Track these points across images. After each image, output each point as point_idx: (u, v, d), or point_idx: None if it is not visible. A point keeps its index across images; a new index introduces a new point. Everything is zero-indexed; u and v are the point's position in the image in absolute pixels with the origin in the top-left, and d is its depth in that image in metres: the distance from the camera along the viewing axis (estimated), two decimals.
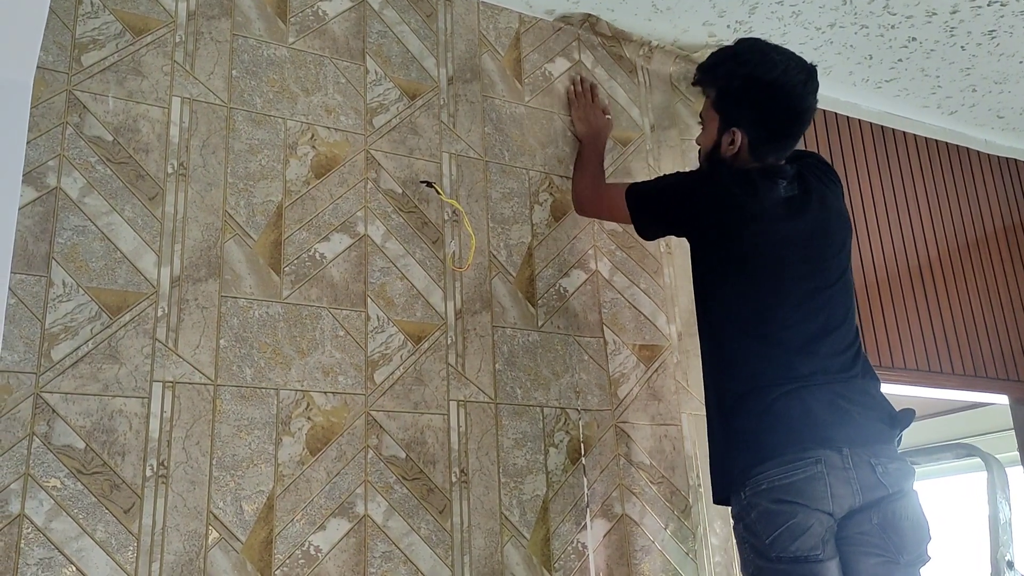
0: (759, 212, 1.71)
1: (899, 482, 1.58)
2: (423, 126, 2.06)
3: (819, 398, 1.60)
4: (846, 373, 1.66)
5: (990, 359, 2.84)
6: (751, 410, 1.62)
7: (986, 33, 2.53)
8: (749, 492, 1.57)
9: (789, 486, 1.53)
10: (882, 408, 1.66)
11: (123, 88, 1.73)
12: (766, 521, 1.54)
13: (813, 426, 1.57)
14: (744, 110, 1.76)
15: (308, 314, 1.79)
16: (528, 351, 2.01)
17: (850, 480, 1.54)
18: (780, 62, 1.74)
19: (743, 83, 1.76)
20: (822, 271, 1.72)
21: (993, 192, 3.12)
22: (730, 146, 1.79)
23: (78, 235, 1.62)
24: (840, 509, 1.54)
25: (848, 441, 1.56)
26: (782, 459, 1.55)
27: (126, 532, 1.51)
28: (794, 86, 1.73)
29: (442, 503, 1.80)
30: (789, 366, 1.63)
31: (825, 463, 1.54)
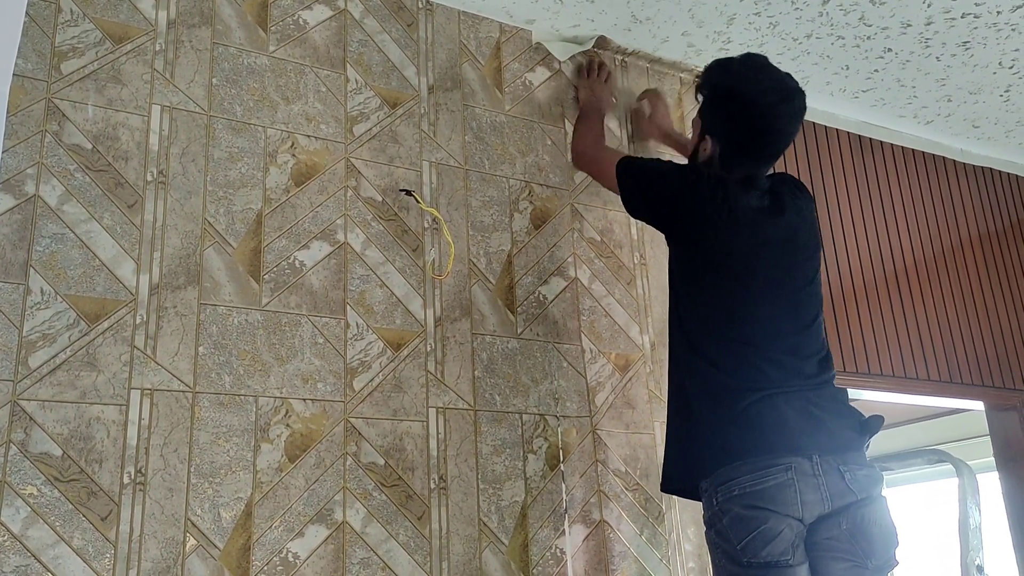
0: (729, 218, 1.73)
1: (867, 488, 1.61)
2: (403, 135, 2.07)
3: (792, 405, 1.62)
4: (816, 379, 1.69)
5: (965, 366, 2.87)
6: (723, 413, 1.64)
7: (960, 44, 2.56)
8: (721, 498, 1.59)
9: (760, 492, 1.56)
10: (851, 415, 1.69)
11: (103, 96, 1.74)
12: (738, 527, 1.56)
13: (785, 433, 1.60)
14: (717, 121, 1.80)
15: (287, 321, 1.80)
16: (507, 358, 2.03)
17: (819, 487, 1.57)
18: (760, 81, 1.75)
19: (721, 94, 1.79)
20: (792, 278, 1.76)
21: (968, 200, 3.16)
22: (703, 153, 1.83)
23: (56, 243, 1.62)
24: (810, 515, 1.56)
25: (818, 448, 1.59)
26: (753, 465, 1.57)
27: (103, 539, 1.51)
28: (767, 106, 1.74)
29: (421, 510, 1.82)
30: (762, 371, 1.65)
31: (795, 470, 1.56)
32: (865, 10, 2.38)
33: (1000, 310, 3.05)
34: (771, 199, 1.81)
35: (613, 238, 2.29)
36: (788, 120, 1.77)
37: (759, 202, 1.78)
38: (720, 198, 1.74)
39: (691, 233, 1.78)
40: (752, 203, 1.77)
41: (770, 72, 1.78)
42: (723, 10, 2.34)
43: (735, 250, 1.73)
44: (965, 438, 4.09)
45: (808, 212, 1.86)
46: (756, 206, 1.77)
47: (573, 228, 2.24)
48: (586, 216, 2.27)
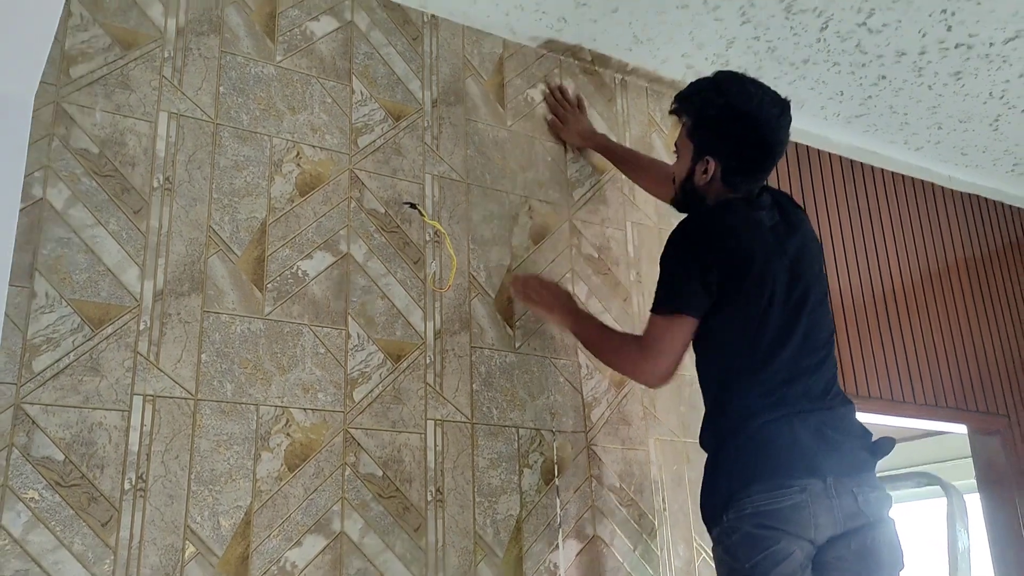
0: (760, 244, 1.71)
1: (878, 510, 1.62)
2: (407, 147, 2.09)
3: (806, 426, 1.62)
4: (828, 400, 1.68)
5: (950, 390, 2.92)
6: (740, 438, 1.63)
7: (952, 74, 2.62)
8: (732, 515, 1.59)
9: (774, 512, 1.55)
10: (863, 436, 1.68)
11: (111, 101, 1.74)
12: (748, 545, 1.56)
13: (800, 454, 1.59)
14: (719, 139, 1.79)
15: (289, 331, 1.80)
16: (505, 372, 2.04)
17: (833, 508, 1.56)
18: (756, 94, 1.78)
19: (719, 112, 1.78)
20: (805, 298, 1.72)
21: (956, 226, 3.21)
22: (703, 175, 1.81)
23: (62, 247, 1.62)
24: (821, 536, 1.57)
25: (832, 470, 1.58)
26: (768, 485, 1.57)
27: (103, 545, 1.51)
28: (769, 119, 1.76)
29: (417, 521, 1.82)
30: (776, 393, 1.64)
31: (809, 491, 1.55)
32: (862, 38, 2.43)
33: (984, 335, 3.10)
34: (780, 215, 1.80)
35: (610, 255, 2.32)
36: (786, 130, 1.79)
37: (770, 220, 1.77)
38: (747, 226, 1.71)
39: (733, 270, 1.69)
40: (766, 223, 1.75)
41: (759, 85, 1.80)
42: (723, 33, 2.38)
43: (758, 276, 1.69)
44: (946, 459, 4.14)
45: (810, 227, 1.85)
46: (769, 225, 1.76)
47: (571, 244, 2.26)
48: (584, 232, 2.29)
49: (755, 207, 1.77)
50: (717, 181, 1.81)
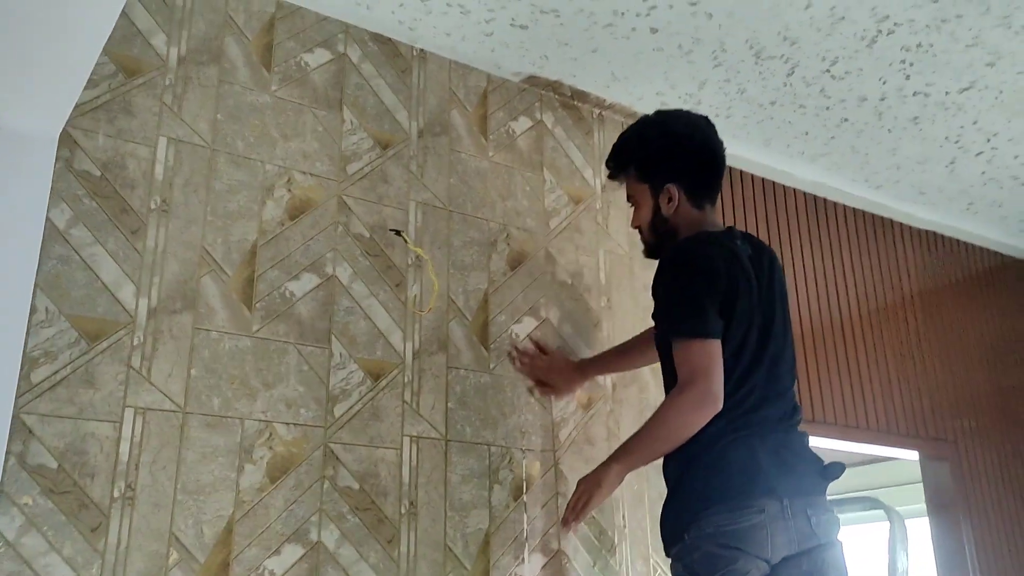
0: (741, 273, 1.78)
1: (829, 533, 1.71)
2: (393, 175, 2.19)
3: (766, 449, 1.70)
4: (787, 423, 1.77)
5: (902, 416, 3.06)
6: (706, 459, 1.71)
7: (911, 119, 2.77)
8: (693, 534, 1.67)
9: (734, 532, 1.63)
10: (815, 460, 1.77)
11: (113, 126, 1.83)
12: (709, 563, 1.64)
13: (760, 476, 1.67)
14: (671, 165, 1.89)
15: (275, 348, 1.90)
16: (479, 392, 2.15)
17: (789, 529, 1.65)
18: (680, 115, 1.97)
19: (661, 141, 1.91)
20: (773, 328, 1.81)
21: (913, 261, 3.37)
22: (669, 204, 1.89)
23: (62, 264, 1.71)
24: (776, 556, 1.65)
25: (789, 492, 1.67)
26: (730, 505, 1.65)
27: (92, 550, 1.59)
28: (702, 129, 1.93)
29: (391, 533, 1.92)
30: (744, 418, 1.72)
31: (768, 512, 1.64)
32: (825, 84, 2.57)
33: (937, 366, 3.25)
34: (751, 244, 1.89)
35: (583, 282, 2.43)
36: (722, 144, 1.94)
37: (746, 251, 1.85)
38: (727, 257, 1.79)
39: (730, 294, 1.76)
40: (742, 253, 1.83)
41: (677, 110, 1.99)
42: (695, 75, 2.51)
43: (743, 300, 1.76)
44: (897, 484, 4.29)
45: (778, 262, 1.94)
46: (747, 255, 1.83)
47: (546, 271, 2.37)
48: (559, 260, 2.41)
49: (730, 238, 1.87)
50: (684, 205, 1.90)
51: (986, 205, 3.37)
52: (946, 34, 2.36)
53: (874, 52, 2.43)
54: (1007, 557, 3.14)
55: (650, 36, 2.33)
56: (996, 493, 3.22)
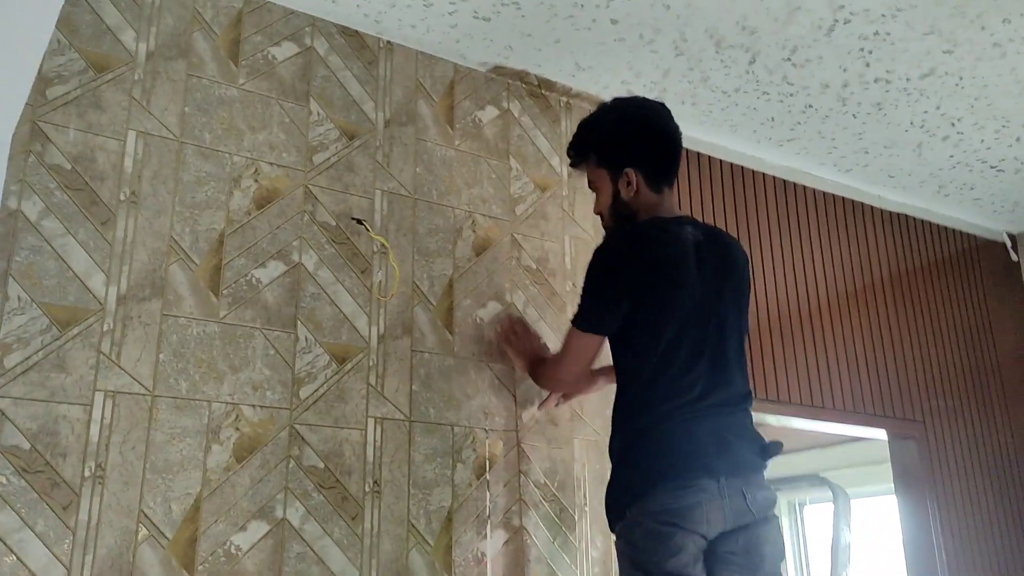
0: (681, 258, 1.85)
1: (764, 509, 1.79)
2: (359, 165, 2.26)
3: (705, 430, 1.78)
4: (732, 407, 1.85)
5: (869, 396, 3.13)
6: (647, 440, 1.80)
7: (874, 105, 2.82)
8: (635, 512, 1.76)
9: (673, 510, 1.72)
10: (755, 440, 1.85)
11: (83, 120, 1.90)
12: (649, 539, 1.73)
13: (698, 457, 1.75)
14: (628, 149, 1.96)
15: (242, 333, 1.98)
16: (443, 374, 2.23)
17: (724, 507, 1.73)
18: (635, 100, 2.05)
19: (618, 127, 1.98)
20: (723, 314, 1.88)
21: (883, 243, 3.42)
22: (628, 187, 1.95)
23: (34, 254, 1.78)
24: (712, 532, 1.74)
25: (725, 471, 1.75)
26: (670, 484, 1.73)
27: (64, 527, 1.68)
28: (657, 112, 1.99)
29: (355, 510, 2.00)
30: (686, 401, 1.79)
31: (705, 491, 1.73)
32: (787, 72, 2.62)
33: (905, 347, 3.32)
34: (704, 231, 1.95)
35: (548, 267, 2.50)
36: (677, 127, 2.00)
37: (694, 236, 1.91)
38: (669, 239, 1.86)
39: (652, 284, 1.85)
40: (689, 238, 1.89)
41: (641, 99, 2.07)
42: (659, 64, 2.57)
43: (676, 288, 1.84)
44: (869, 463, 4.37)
45: (738, 249, 2.00)
46: (693, 241, 1.90)
47: (512, 256, 2.44)
48: (524, 245, 2.48)
49: (679, 224, 1.93)
50: (643, 188, 1.95)
51: (957, 188, 3.42)
52: (902, 23, 2.41)
53: (833, 40, 2.48)
54: (972, 534, 3.22)
55: (611, 27, 2.38)
56: (964, 471, 3.30)
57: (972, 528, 3.23)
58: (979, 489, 3.31)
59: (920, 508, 3.17)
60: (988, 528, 3.28)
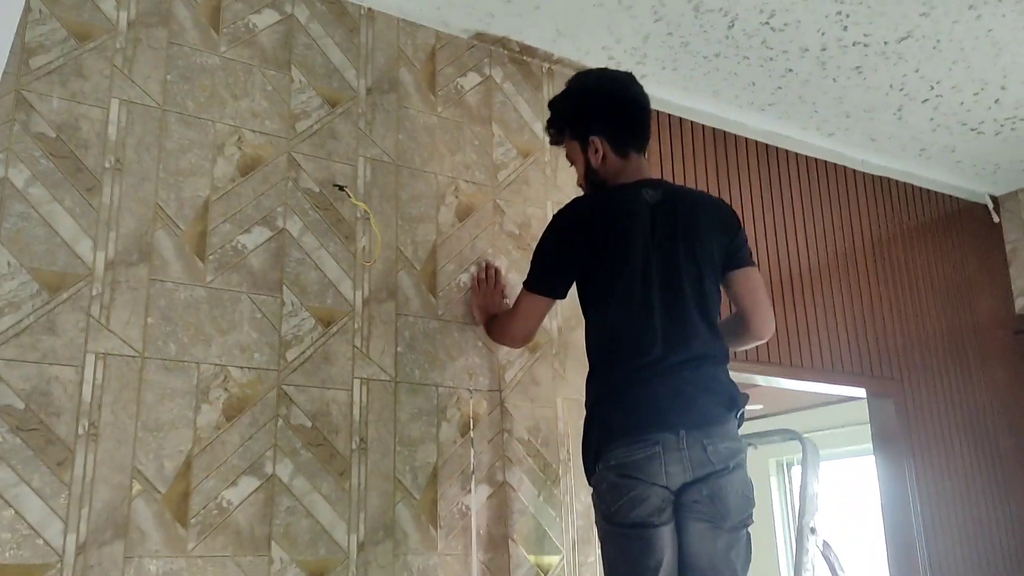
0: (633, 219, 1.92)
1: (727, 459, 1.83)
2: (342, 132, 2.29)
3: (667, 384, 1.84)
4: (696, 360, 1.88)
5: (848, 356, 3.20)
6: (609, 400, 1.87)
7: (853, 68, 2.85)
8: (601, 467, 1.84)
9: (631, 463, 1.79)
10: (724, 392, 1.89)
11: (66, 89, 1.94)
12: (612, 492, 1.81)
13: (656, 412, 1.82)
14: (589, 119, 2.03)
15: (229, 298, 2.03)
16: (428, 337, 2.28)
17: (683, 459, 1.79)
18: (595, 72, 2.16)
19: (577, 99, 2.08)
20: (680, 270, 1.92)
21: (865, 207, 3.47)
22: (596, 155, 2.01)
23: (22, 221, 1.83)
24: (674, 483, 1.80)
25: (684, 424, 1.81)
26: (627, 440, 1.81)
27: (59, 482, 1.74)
28: (613, 79, 2.08)
29: (343, 466, 2.07)
30: (642, 357, 1.85)
31: (662, 444, 1.79)
32: (766, 36, 2.65)
33: (885, 307, 3.38)
34: (663, 192, 1.99)
35: (530, 232, 2.55)
36: (637, 88, 2.06)
37: (654, 198, 1.96)
38: (612, 200, 1.95)
39: (598, 246, 1.94)
40: (648, 200, 1.95)
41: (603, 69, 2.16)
42: (638, 29, 2.60)
43: (630, 248, 1.91)
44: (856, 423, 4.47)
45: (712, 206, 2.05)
46: (652, 202, 1.95)
47: (495, 221, 2.49)
48: (507, 211, 2.52)
49: (637, 187, 1.98)
50: (610, 154, 2.02)
51: (938, 150, 3.46)
52: None
53: (810, 4, 2.51)
54: (948, 492, 3.30)
55: None
56: (941, 430, 3.37)
57: (948, 486, 3.31)
58: (956, 448, 3.39)
59: (897, 466, 3.24)
60: (964, 486, 3.36)
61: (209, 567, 1.85)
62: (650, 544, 1.77)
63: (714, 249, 2.00)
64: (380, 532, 2.07)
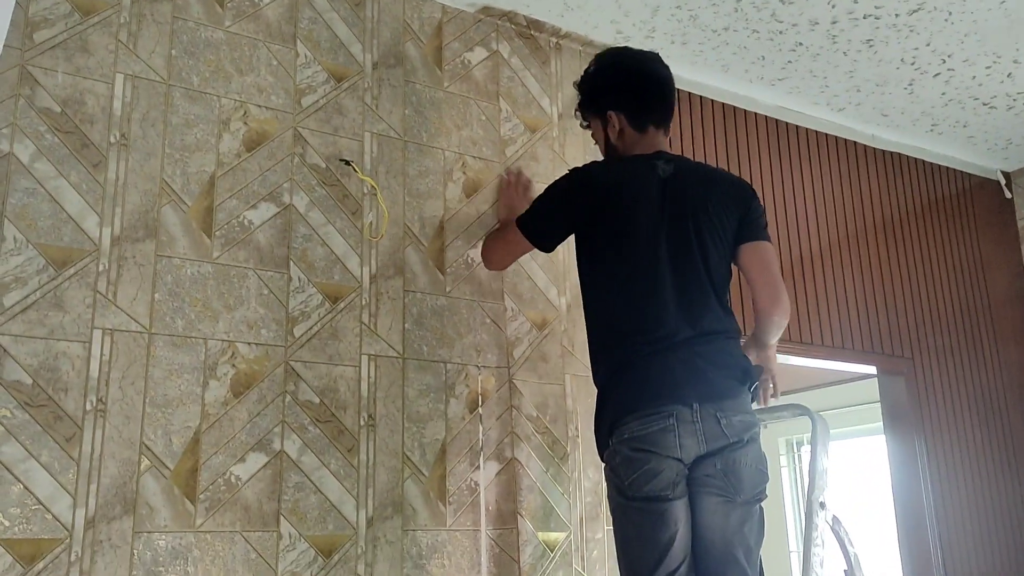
0: (640, 190, 1.91)
1: (740, 432, 1.82)
2: (348, 107, 2.28)
3: (679, 358, 1.83)
4: (708, 335, 1.87)
5: (859, 333, 3.18)
6: (621, 374, 1.86)
7: (864, 42, 2.82)
8: (615, 440, 1.83)
9: (645, 436, 1.79)
10: (734, 366, 1.88)
11: (71, 64, 1.92)
12: (626, 466, 1.81)
13: (669, 385, 1.81)
14: (607, 96, 2.06)
15: (236, 274, 2.02)
16: (435, 313, 2.27)
17: (696, 432, 1.79)
18: (614, 50, 2.20)
19: (595, 77, 2.10)
20: (690, 246, 1.91)
21: (876, 183, 3.44)
22: (613, 130, 2.04)
23: (28, 196, 1.82)
24: (688, 456, 1.79)
25: (698, 397, 1.80)
26: (641, 413, 1.80)
27: (68, 457, 1.74)
28: (632, 56, 2.10)
29: (351, 443, 2.06)
30: (654, 331, 1.84)
31: (676, 417, 1.78)
32: (776, 8, 2.61)
33: (896, 285, 3.35)
34: (676, 166, 1.98)
35: None
36: (658, 64, 2.07)
37: (664, 172, 1.95)
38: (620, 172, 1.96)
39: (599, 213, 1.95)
40: (658, 174, 1.94)
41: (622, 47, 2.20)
42: (647, 2, 2.56)
43: (637, 220, 1.90)
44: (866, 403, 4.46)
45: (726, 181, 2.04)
46: (662, 176, 1.94)
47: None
48: None
49: (649, 159, 1.98)
50: (627, 128, 2.04)
51: (950, 126, 3.42)
52: None
53: None
54: (959, 471, 3.29)
55: None
56: (952, 409, 3.35)
57: (959, 464, 3.30)
58: (967, 427, 3.37)
59: (908, 444, 3.23)
60: (975, 465, 3.35)
61: (218, 542, 1.85)
62: (664, 517, 1.77)
63: (726, 225, 1.99)
64: (389, 508, 2.07)
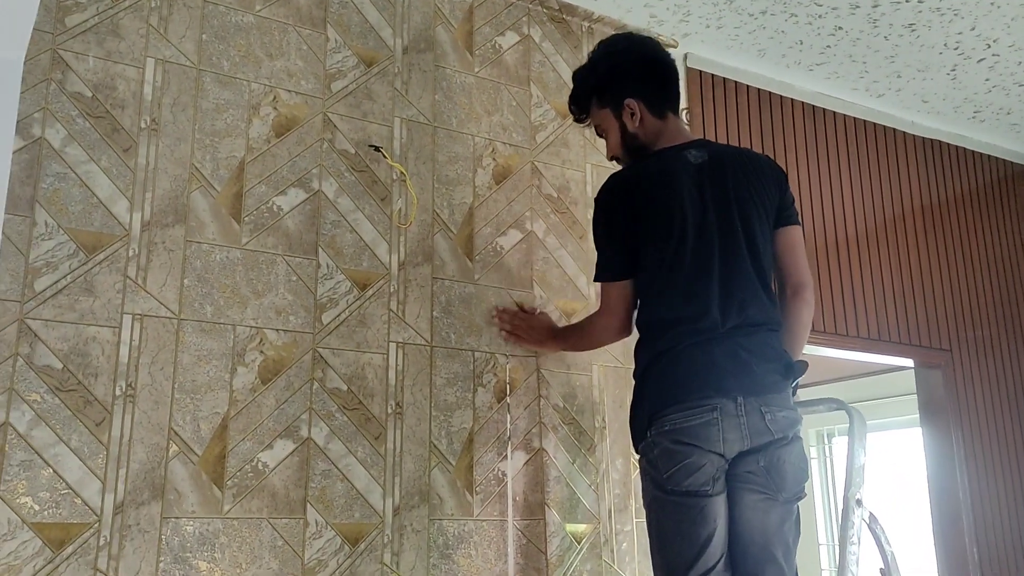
0: (675, 182, 1.86)
1: (785, 429, 1.77)
2: (378, 92, 2.26)
3: (723, 349, 1.77)
4: (751, 327, 1.81)
5: (895, 325, 3.11)
6: (662, 363, 1.81)
7: (906, 26, 2.74)
8: (654, 432, 1.78)
9: (687, 429, 1.73)
10: (779, 359, 1.82)
11: (102, 48, 1.92)
12: (666, 458, 1.75)
13: (713, 376, 1.75)
14: (622, 82, 1.98)
15: (264, 260, 2.01)
16: (464, 301, 2.25)
17: (741, 426, 1.73)
18: (618, 36, 2.10)
19: (607, 66, 2.01)
20: (735, 231, 1.85)
21: (915, 171, 3.36)
22: (633, 118, 1.97)
23: (59, 181, 1.82)
24: (730, 451, 1.74)
25: (743, 390, 1.74)
26: (684, 404, 1.74)
27: (97, 442, 1.75)
28: (642, 41, 2.05)
29: (378, 431, 2.06)
30: (698, 321, 1.79)
31: (720, 410, 1.73)
32: None
33: (935, 276, 3.28)
34: (709, 152, 1.92)
35: (569, 195, 2.50)
36: (661, 48, 2.03)
37: (697, 159, 1.90)
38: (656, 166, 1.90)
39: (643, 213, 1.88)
40: (691, 161, 1.89)
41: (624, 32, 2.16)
42: None
43: (677, 211, 1.84)
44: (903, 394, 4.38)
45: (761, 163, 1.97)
46: (695, 163, 1.89)
47: (532, 184, 2.44)
48: (545, 174, 2.47)
49: (679, 149, 1.92)
50: (647, 116, 1.98)
51: (993, 112, 3.33)
52: None
53: None
54: (995, 463, 3.22)
55: None
56: (990, 403, 3.28)
57: (996, 459, 3.23)
58: (1005, 421, 3.30)
59: (944, 438, 3.16)
60: (1012, 459, 3.27)
61: (245, 529, 1.85)
62: (703, 513, 1.72)
63: (767, 205, 1.93)
64: (415, 497, 2.06)
